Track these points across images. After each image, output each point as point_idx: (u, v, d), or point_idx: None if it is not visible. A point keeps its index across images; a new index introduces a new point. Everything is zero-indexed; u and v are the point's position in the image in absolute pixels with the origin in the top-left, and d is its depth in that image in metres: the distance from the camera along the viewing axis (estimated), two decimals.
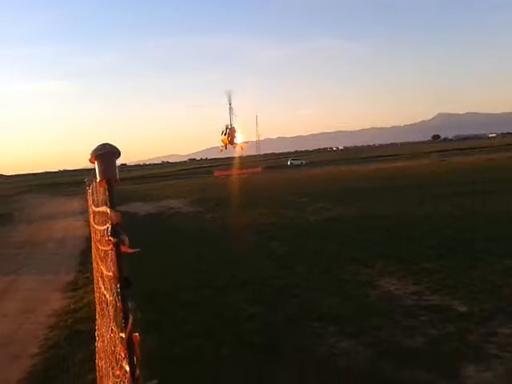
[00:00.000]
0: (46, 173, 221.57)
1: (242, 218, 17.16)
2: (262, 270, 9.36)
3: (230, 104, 22.28)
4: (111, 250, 1.44)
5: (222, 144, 23.86)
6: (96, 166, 1.46)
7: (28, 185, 78.57)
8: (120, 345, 2.36)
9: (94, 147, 1.48)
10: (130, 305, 1.40)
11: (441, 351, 5.24)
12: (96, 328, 5.26)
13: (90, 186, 6.25)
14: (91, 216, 5.59)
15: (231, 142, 24.31)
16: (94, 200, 6.01)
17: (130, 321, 1.37)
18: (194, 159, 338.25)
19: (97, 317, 5.21)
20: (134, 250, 1.41)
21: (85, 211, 25.59)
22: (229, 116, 22.32)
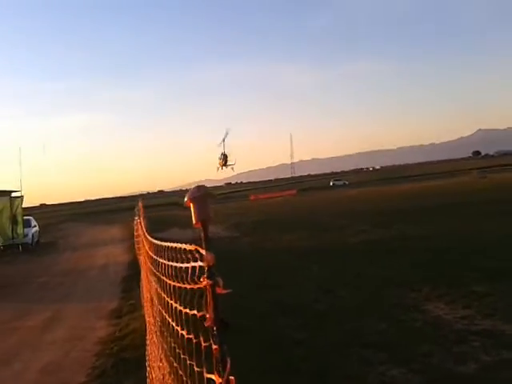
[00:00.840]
0: (86, 201, 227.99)
1: (280, 242, 17.12)
2: (305, 294, 9.26)
3: (224, 139, 28.55)
4: (207, 291, 1.47)
5: (219, 165, 30.16)
6: (191, 208, 1.52)
7: (70, 213, 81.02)
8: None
9: (189, 190, 1.54)
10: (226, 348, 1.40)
11: (495, 378, 5.01)
12: (147, 358, 5.30)
13: (139, 215, 6.40)
14: (142, 244, 5.68)
15: (225, 165, 30.45)
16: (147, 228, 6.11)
17: (228, 365, 1.38)
18: (230, 183, 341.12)
19: (147, 347, 5.25)
20: (227, 291, 1.44)
21: (126, 238, 26.14)
22: (223, 146, 28.31)
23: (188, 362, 1.90)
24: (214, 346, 1.41)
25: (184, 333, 1.94)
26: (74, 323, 9.50)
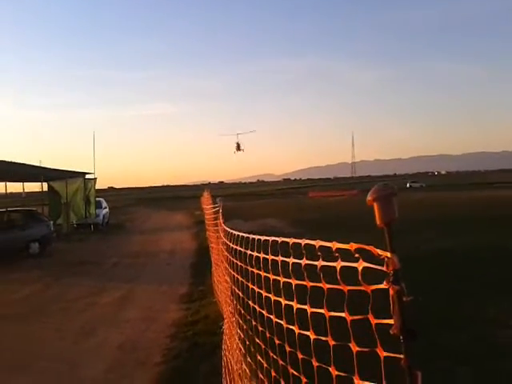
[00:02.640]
0: (151, 187, 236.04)
1: (346, 241, 16.78)
2: (375, 300, 8.99)
3: (237, 134, 44.92)
4: (392, 297, 1.40)
5: (235, 150, 46.76)
6: (375, 207, 1.43)
7: (136, 198, 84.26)
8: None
9: (373, 188, 1.44)
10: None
11: None
12: (223, 347, 5.32)
13: (220, 206, 6.40)
14: (221, 236, 5.67)
15: (238, 149, 46.01)
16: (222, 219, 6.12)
17: (419, 378, 1.31)
18: (289, 179, 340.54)
19: (225, 337, 5.28)
20: (410, 298, 1.36)
21: (190, 226, 26.80)
22: (237, 138, 44.26)
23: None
24: (402, 356, 1.34)
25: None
26: (147, 304, 9.79)
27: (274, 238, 2.48)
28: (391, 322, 1.48)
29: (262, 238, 2.67)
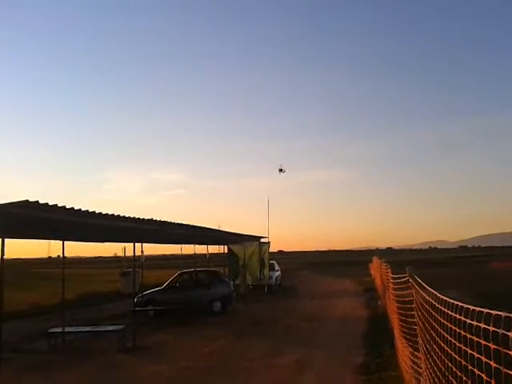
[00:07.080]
0: (317, 251, 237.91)
1: None
2: None
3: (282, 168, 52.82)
4: None
5: (279, 172, 53.97)
6: None
7: (303, 262, 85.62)
8: None
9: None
10: None
11: None
12: None
13: (411, 275, 6.00)
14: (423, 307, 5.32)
15: (281, 170, 53.59)
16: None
17: None
18: (465, 246, 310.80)
19: None
20: None
21: (359, 293, 26.27)
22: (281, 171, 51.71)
23: None
24: None
25: None
26: (323, 370, 9.80)
27: None
28: None
29: None
